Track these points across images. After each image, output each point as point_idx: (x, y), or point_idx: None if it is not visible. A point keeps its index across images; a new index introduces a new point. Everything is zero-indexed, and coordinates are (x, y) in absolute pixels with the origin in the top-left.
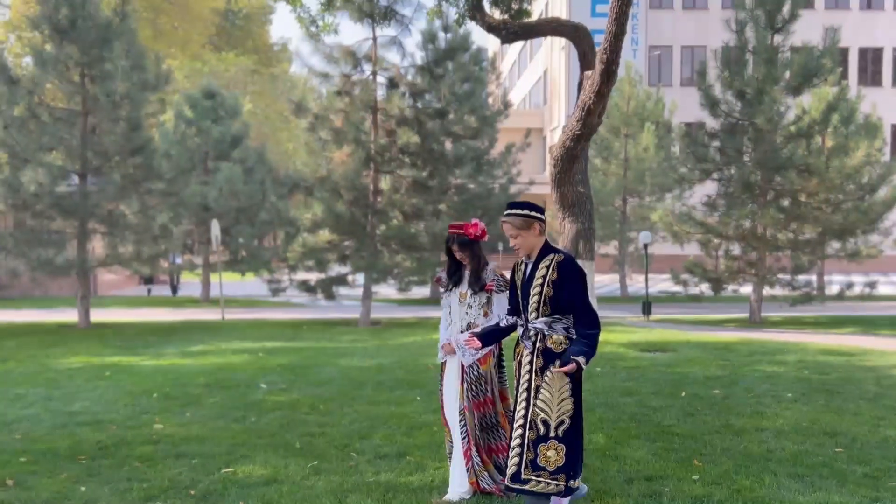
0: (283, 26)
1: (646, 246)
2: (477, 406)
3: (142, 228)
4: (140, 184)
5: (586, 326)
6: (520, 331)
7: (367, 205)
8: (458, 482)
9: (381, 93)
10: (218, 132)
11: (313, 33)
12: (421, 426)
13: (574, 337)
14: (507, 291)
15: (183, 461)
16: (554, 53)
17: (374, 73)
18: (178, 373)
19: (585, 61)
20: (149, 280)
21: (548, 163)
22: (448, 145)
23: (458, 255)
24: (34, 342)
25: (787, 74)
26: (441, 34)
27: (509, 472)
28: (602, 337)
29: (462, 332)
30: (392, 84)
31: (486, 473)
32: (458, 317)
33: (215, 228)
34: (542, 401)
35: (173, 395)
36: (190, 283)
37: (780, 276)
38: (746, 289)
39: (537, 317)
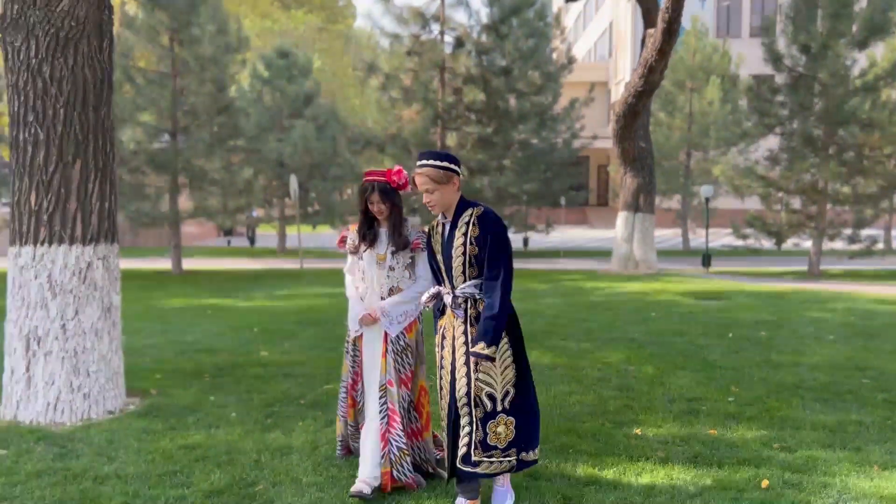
0: None
1: (707, 200)
2: (401, 381)
3: (227, 183)
4: (225, 141)
5: (490, 291)
6: (448, 299)
7: None
8: (371, 467)
9: (447, 51)
10: (292, 91)
11: None
12: None
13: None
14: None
15: (290, 379)
16: (620, 5)
17: (442, 33)
18: (271, 312)
19: (648, 19)
20: (228, 232)
21: (611, 118)
22: (512, 102)
23: (374, 209)
24: (136, 286)
25: (854, 28)
26: None
27: (460, 452)
28: (660, 286)
29: (383, 298)
30: (459, 43)
31: (405, 462)
32: (377, 282)
33: (294, 183)
34: (484, 373)
35: (271, 330)
36: (264, 235)
37: (843, 229)
38: (808, 243)
39: (465, 280)
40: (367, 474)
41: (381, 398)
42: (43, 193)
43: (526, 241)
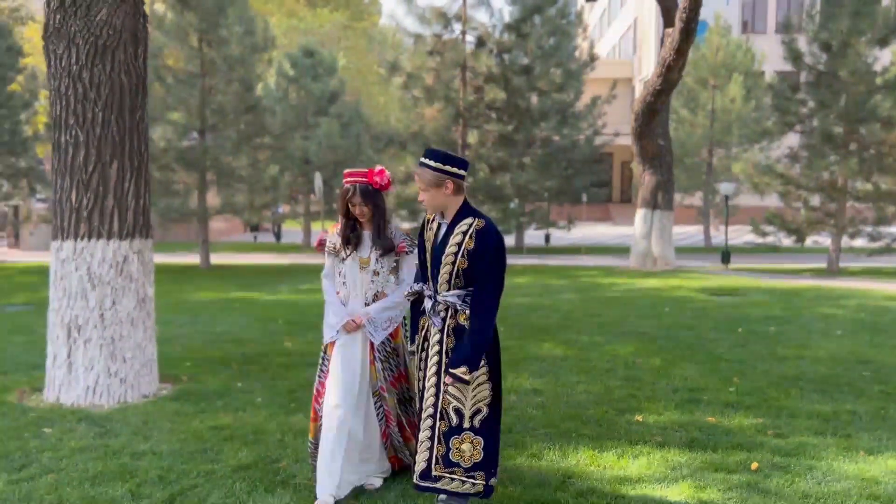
0: None
1: (727, 197)
2: (393, 383)
3: (254, 180)
4: (251, 139)
5: (477, 312)
6: (427, 304)
7: None
8: (378, 462)
9: (469, 50)
10: (317, 89)
11: None
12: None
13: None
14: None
15: (312, 368)
16: (644, 2)
17: (464, 33)
18: (295, 305)
19: (668, 17)
20: (255, 228)
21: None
22: (534, 99)
23: (356, 211)
24: (166, 279)
25: (876, 25)
26: None
27: (417, 468)
28: (677, 282)
29: (367, 304)
30: (480, 42)
31: (406, 451)
32: (360, 287)
33: (318, 180)
34: (455, 387)
35: (295, 322)
36: (289, 231)
37: (862, 227)
38: (828, 240)
39: (448, 289)
40: (374, 470)
41: (376, 404)
42: (83, 192)
43: (547, 238)
